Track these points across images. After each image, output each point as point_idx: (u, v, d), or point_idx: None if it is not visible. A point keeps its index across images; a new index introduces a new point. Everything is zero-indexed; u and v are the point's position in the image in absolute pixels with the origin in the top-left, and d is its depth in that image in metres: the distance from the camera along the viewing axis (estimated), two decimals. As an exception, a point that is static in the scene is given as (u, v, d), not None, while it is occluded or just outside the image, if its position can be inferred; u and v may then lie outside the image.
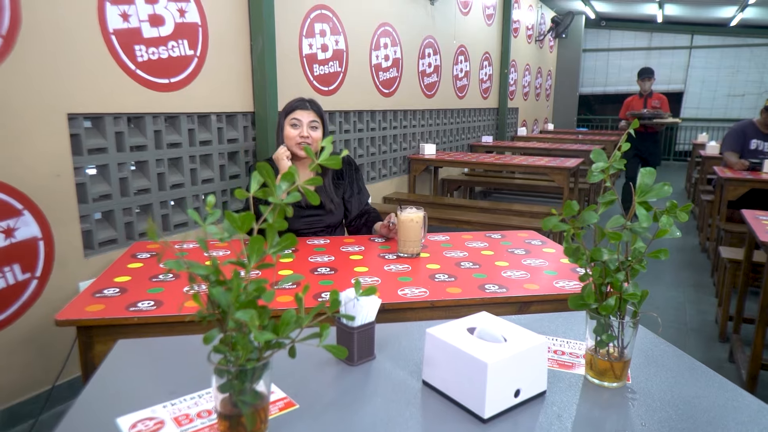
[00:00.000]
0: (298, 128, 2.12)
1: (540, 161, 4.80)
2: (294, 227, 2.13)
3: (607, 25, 11.34)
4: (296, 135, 2.11)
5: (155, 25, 2.53)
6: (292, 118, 2.13)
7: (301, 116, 2.13)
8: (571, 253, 0.77)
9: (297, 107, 2.14)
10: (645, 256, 0.71)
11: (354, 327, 0.87)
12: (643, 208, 0.65)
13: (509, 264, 1.73)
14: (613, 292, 0.74)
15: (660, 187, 0.67)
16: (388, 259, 1.77)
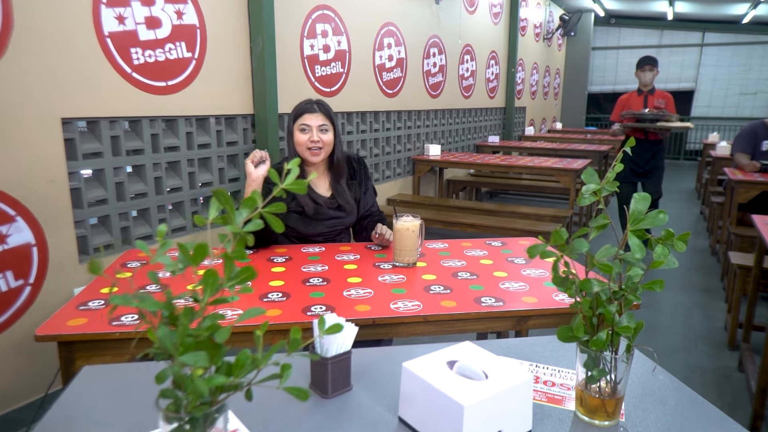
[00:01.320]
0: (308, 133, 2.02)
1: (546, 162, 4.73)
2: (318, 231, 2.07)
3: (617, 22, 11.19)
4: (306, 140, 2.01)
5: (152, 28, 2.49)
6: (300, 123, 2.03)
7: (310, 120, 2.03)
8: (559, 283, 0.72)
9: (305, 111, 2.05)
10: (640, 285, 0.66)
11: (328, 357, 0.83)
12: (635, 237, 0.60)
13: (508, 274, 1.68)
14: (605, 324, 0.68)
15: (654, 216, 0.62)
16: (384, 269, 1.73)
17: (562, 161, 4.83)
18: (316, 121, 2.04)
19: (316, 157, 2.04)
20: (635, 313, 0.74)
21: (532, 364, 1.02)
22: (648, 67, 4.46)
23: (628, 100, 4.63)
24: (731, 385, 2.58)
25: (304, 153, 2.05)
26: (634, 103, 4.56)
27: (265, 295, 1.47)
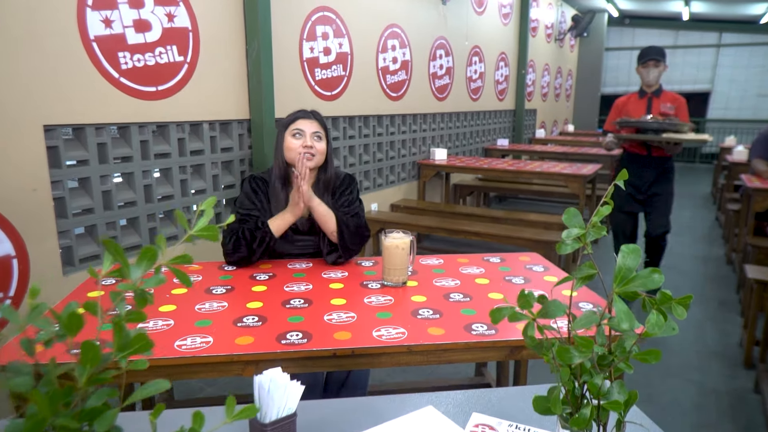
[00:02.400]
0: (301, 138, 1.91)
1: (555, 167, 4.59)
2: (286, 250, 1.94)
3: (631, 23, 10.98)
4: (299, 145, 1.89)
5: (141, 31, 2.41)
6: (294, 128, 1.93)
7: (304, 126, 1.93)
8: (534, 347, 0.61)
9: (299, 117, 1.96)
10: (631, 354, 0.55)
11: (266, 424, 0.72)
12: (622, 303, 0.49)
13: (504, 296, 1.57)
14: (590, 396, 0.57)
15: (647, 276, 0.50)
16: (371, 288, 1.62)
17: (571, 166, 4.69)
18: (310, 127, 1.94)
19: (308, 162, 1.91)
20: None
21: (511, 425, 0.91)
22: (652, 63, 3.40)
23: (625, 105, 3.60)
24: (746, 407, 2.44)
25: (294, 159, 1.92)
26: (633, 108, 3.54)
27: (240, 320, 1.37)
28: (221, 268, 1.81)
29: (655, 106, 3.47)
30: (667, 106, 3.44)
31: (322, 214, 1.87)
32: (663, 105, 3.44)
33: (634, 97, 3.60)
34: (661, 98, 3.49)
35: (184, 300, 1.51)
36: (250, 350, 1.21)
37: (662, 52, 3.45)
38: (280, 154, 1.96)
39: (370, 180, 4.31)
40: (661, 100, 3.48)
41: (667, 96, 3.50)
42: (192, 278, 1.69)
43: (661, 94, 3.50)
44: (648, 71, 3.45)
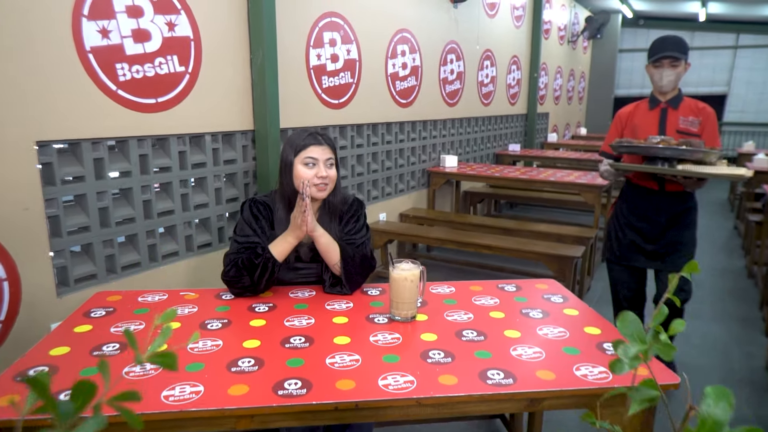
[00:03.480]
0: (314, 168, 1.76)
1: (569, 176, 4.45)
2: (287, 278, 1.82)
3: (646, 24, 10.77)
4: (312, 176, 1.75)
5: (140, 41, 2.31)
6: (306, 156, 1.76)
7: (317, 153, 1.77)
8: None
9: (310, 143, 1.77)
10: None
11: None
12: None
13: (521, 335, 1.45)
14: None
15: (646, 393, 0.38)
16: (378, 323, 1.51)
17: (586, 175, 4.55)
18: (323, 155, 1.78)
19: (321, 192, 1.79)
20: None
21: None
22: (668, 61, 2.42)
23: (631, 118, 2.61)
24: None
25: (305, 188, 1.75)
26: (641, 122, 2.55)
27: (234, 363, 1.26)
28: (219, 296, 1.70)
29: (671, 121, 2.48)
30: (689, 120, 2.46)
31: (325, 246, 1.74)
32: (683, 120, 2.47)
33: (642, 108, 2.58)
34: (680, 110, 2.48)
35: (177, 336, 1.41)
36: (245, 403, 1.11)
37: (681, 46, 2.42)
38: (289, 182, 1.79)
39: (378, 189, 4.19)
40: (680, 112, 2.47)
41: (689, 106, 2.49)
42: (186, 310, 1.59)
43: (680, 103, 2.49)
44: (661, 73, 2.43)
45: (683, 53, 2.44)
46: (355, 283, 1.75)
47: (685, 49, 2.45)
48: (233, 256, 1.70)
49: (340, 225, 1.87)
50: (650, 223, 2.59)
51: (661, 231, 2.57)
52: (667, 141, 2.33)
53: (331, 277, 1.76)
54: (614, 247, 2.73)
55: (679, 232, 2.57)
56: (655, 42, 2.49)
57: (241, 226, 1.78)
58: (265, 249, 1.70)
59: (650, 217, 2.58)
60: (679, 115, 2.50)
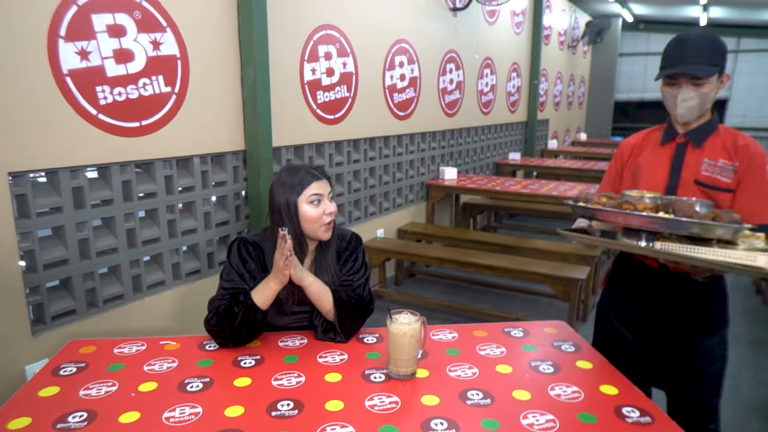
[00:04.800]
0: (320, 205, 1.62)
1: (572, 190, 4.33)
2: (281, 323, 1.68)
3: (646, 27, 10.66)
4: (321, 214, 1.61)
5: (122, 62, 2.18)
6: (310, 195, 1.60)
7: (320, 189, 1.62)
8: None
9: (311, 180, 1.62)
10: None
11: None
12: None
13: (531, 396, 1.32)
14: None
15: None
16: (374, 381, 1.38)
17: (589, 189, 4.42)
18: (325, 189, 1.64)
19: (329, 232, 1.65)
20: None
21: None
22: (685, 79, 1.54)
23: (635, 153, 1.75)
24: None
25: (317, 231, 1.63)
26: (647, 162, 1.70)
27: (214, 439, 1.13)
28: (202, 346, 1.57)
29: (689, 165, 1.61)
30: (717, 165, 1.57)
31: (317, 295, 1.60)
32: (708, 164, 1.59)
33: (653, 140, 1.72)
34: (705, 148, 1.60)
35: (152, 401, 1.27)
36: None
37: (711, 52, 1.54)
38: (295, 224, 1.62)
39: (375, 205, 4.07)
40: (706, 151, 1.60)
41: (722, 143, 1.59)
42: (165, 365, 1.45)
43: (707, 138, 1.61)
44: (676, 95, 1.57)
45: (714, 63, 1.53)
46: (349, 330, 1.62)
47: (717, 57, 1.54)
48: (217, 302, 1.56)
49: (339, 263, 1.73)
50: (646, 316, 1.72)
51: (661, 331, 1.70)
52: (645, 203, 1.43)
53: (324, 322, 1.63)
54: (601, 337, 1.90)
55: (691, 336, 1.66)
56: (668, 45, 1.59)
57: (228, 270, 1.64)
58: (247, 295, 1.56)
59: (647, 308, 1.72)
60: (703, 156, 1.60)
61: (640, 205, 1.42)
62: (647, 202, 1.43)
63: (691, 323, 1.66)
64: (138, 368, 1.43)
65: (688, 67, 1.54)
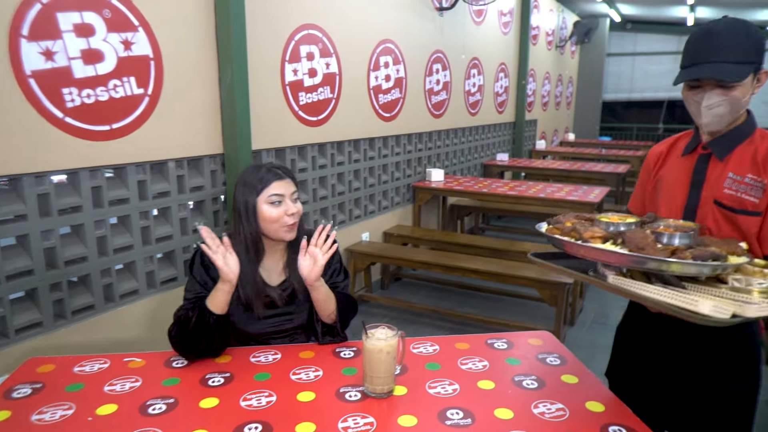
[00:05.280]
0: (281, 205, 1.58)
1: (559, 192, 4.28)
2: (257, 329, 1.63)
3: (633, 28, 10.67)
4: (282, 214, 1.57)
5: (91, 63, 2.09)
6: (270, 195, 1.57)
7: (281, 189, 1.58)
8: None
9: (271, 180, 1.58)
10: None
11: None
12: None
13: (514, 415, 1.25)
14: None
15: None
16: (349, 400, 1.31)
17: (576, 190, 4.38)
18: (288, 189, 1.60)
19: (292, 233, 1.61)
20: None
21: None
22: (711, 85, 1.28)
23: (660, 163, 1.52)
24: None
25: (278, 231, 1.59)
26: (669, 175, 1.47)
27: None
28: (169, 363, 1.49)
29: (711, 180, 1.36)
30: (743, 182, 1.31)
31: (325, 295, 1.60)
32: (733, 179, 1.32)
33: (678, 148, 1.48)
34: (731, 160, 1.35)
35: (110, 427, 1.19)
36: None
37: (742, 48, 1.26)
38: (254, 226, 1.59)
39: (360, 208, 3.99)
40: (731, 164, 1.34)
41: (751, 154, 1.32)
42: (128, 385, 1.37)
43: (735, 148, 1.35)
44: (699, 101, 1.31)
45: (748, 61, 1.26)
46: (347, 327, 1.68)
47: (751, 52, 1.26)
48: (181, 313, 1.52)
49: None
50: (659, 359, 1.48)
51: (678, 375, 1.45)
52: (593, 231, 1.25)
53: (322, 325, 1.63)
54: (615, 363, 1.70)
55: (713, 383, 1.40)
56: (691, 38, 1.33)
57: (190, 281, 1.60)
58: (201, 303, 1.51)
59: (661, 350, 1.48)
60: (728, 171, 1.34)
61: (586, 234, 1.24)
62: (596, 230, 1.26)
63: (713, 367, 1.39)
64: (98, 389, 1.34)
65: (713, 68, 1.26)
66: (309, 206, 3.42)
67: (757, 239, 1.31)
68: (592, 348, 3.32)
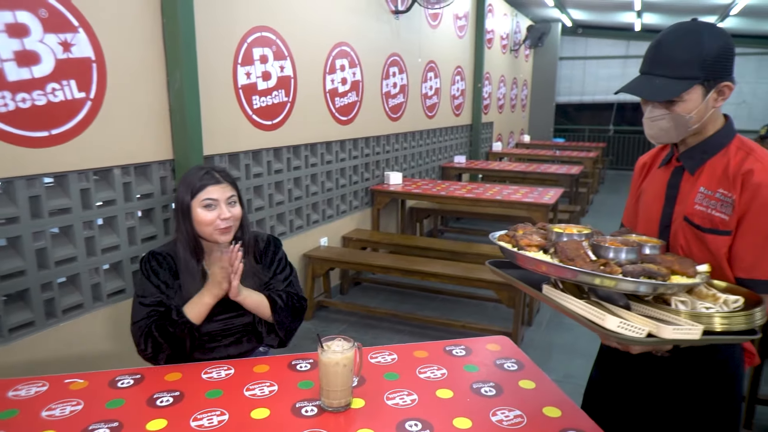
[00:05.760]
0: (215, 209, 1.61)
1: (516, 194, 4.34)
2: (206, 329, 1.62)
3: (584, 32, 11.00)
4: (215, 218, 1.60)
5: (26, 65, 1.97)
6: (203, 199, 1.60)
7: (216, 194, 1.61)
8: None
9: (207, 183, 1.61)
10: None
11: None
12: None
13: (472, 424, 1.24)
14: None
15: None
16: (306, 416, 1.26)
17: (533, 192, 4.46)
18: (223, 194, 1.63)
19: (226, 235, 1.64)
20: None
21: None
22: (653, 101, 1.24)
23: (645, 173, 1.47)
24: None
25: (212, 234, 1.62)
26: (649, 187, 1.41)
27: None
28: (114, 383, 1.41)
29: (684, 195, 1.30)
30: (714, 197, 1.22)
31: (254, 304, 1.65)
32: (703, 193, 1.25)
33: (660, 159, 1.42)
34: (702, 174, 1.27)
35: None
36: None
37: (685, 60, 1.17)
38: (189, 227, 1.63)
39: (318, 212, 3.94)
40: (702, 179, 1.26)
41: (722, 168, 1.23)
42: (68, 408, 1.28)
43: (707, 161, 1.27)
44: (645, 112, 1.28)
45: (690, 76, 1.18)
46: (289, 330, 1.70)
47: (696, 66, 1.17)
48: (143, 323, 1.53)
49: (259, 265, 1.74)
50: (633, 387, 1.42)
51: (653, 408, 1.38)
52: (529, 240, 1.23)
53: (266, 326, 1.69)
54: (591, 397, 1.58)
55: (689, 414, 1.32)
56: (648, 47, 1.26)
57: (142, 284, 1.61)
58: (181, 313, 1.55)
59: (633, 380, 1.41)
60: (699, 185, 1.27)
61: (522, 242, 1.22)
62: (534, 238, 1.24)
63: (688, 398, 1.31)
64: (35, 415, 1.25)
65: (648, 80, 1.21)
66: (265, 212, 3.34)
67: (728, 260, 1.22)
68: (549, 348, 3.37)
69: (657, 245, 1.22)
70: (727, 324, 1.04)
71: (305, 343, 3.22)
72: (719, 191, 1.22)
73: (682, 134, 1.25)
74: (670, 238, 1.32)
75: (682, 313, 1.06)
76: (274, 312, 1.65)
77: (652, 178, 1.42)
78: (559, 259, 1.13)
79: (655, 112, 1.24)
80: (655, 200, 1.37)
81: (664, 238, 1.32)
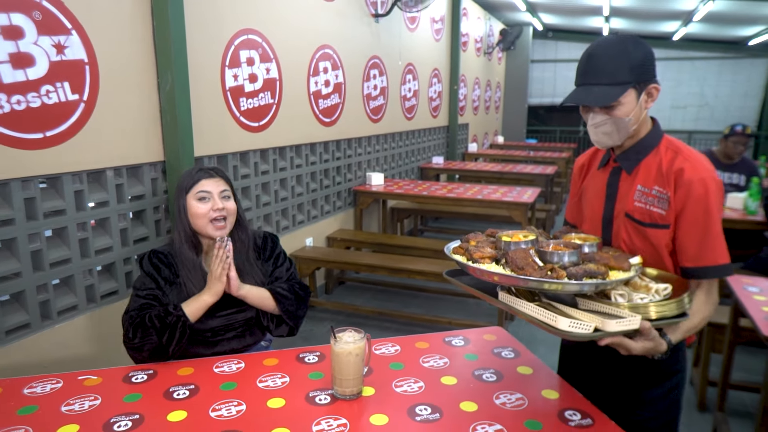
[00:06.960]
0: (208, 201, 1.66)
1: (495, 194, 4.46)
2: (208, 326, 1.67)
3: (554, 36, 11.27)
4: (208, 210, 1.65)
5: (20, 67, 1.97)
6: (198, 191, 1.66)
7: (209, 186, 1.68)
8: None
9: (200, 178, 1.69)
10: None
11: None
12: None
13: (478, 407, 1.32)
14: None
15: None
16: (320, 403, 1.32)
17: (511, 191, 4.58)
18: (216, 187, 1.69)
19: (221, 229, 1.68)
20: None
21: None
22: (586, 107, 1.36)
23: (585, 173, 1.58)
24: (710, 463, 2.35)
25: (206, 227, 1.67)
26: (590, 186, 1.53)
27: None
28: (128, 378, 1.44)
29: (623, 194, 1.41)
30: (651, 194, 1.34)
31: (258, 299, 1.69)
32: (641, 191, 1.36)
33: (598, 159, 1.52)
34: (638, 173, 1.38)
35: None
36: None
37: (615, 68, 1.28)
38: (185, 222, 1.68)
39: (304, 213, 3.98)
40: (639, 177, 1.38)
41: (657, 167, 1.35)
42: (87, 403, 1.31)
43: (641, 161, 1.38)
44: (587, 120, 1.37)
45: (622, 82, 1.27)
46: (298, 319, 1.75)
47: (626, 72, 1.27)
48: (134, 313, 1.56)
49: (259, 261, 1.79)
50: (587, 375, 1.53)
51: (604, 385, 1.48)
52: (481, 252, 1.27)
53: (274, 319, 1.74)
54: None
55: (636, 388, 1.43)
56: (579, 60, 1.36)
57: (142, 279, 1.65)
58: (177, 306, 1.57)
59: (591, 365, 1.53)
60: (636, 183, 1.38)
61: (476, 255, 1.26)
62: (486, 251, 1.28)
63: (634, 374, 1.42)
64: (55, 410, 1.28)
65: (586, 90, 1.31)
66: (252, 212, 3.37)
67: (669, 252, 1.35)
68: (533, 341, 3.49)
69: (594, 243, 1.32)
70: (661, 311, 1.16)
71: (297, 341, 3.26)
72: (655, 188, 1.34)
73: (624, 136, 1.35)
74: (613, 233, 1.43)
75: (622, 305, 1.16)
76: (279, 303, 1.69)
77: (592, 178, 1.53)
78: (511, 269, 1.19)
79: (597, 119, 1.34)
80: (597, 199, 1.48)
81: (607, 233, 1.44)
